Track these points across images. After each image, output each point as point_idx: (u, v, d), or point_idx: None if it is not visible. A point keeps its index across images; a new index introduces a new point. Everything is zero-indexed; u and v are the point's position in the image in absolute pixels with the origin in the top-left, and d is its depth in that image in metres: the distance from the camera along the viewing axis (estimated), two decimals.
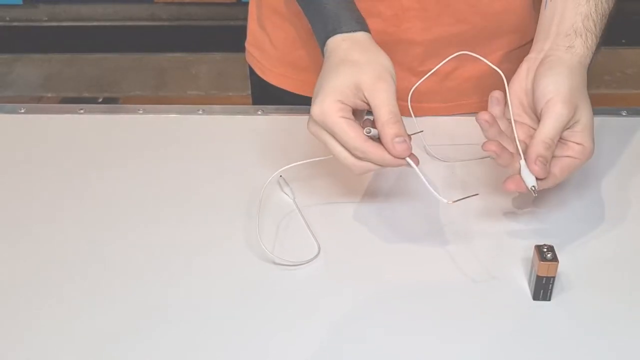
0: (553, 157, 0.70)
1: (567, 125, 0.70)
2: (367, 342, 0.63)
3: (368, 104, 0.68)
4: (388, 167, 0.68)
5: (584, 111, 0.71)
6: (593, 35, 0.73)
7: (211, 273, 0.70)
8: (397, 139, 0.66)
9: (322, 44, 0.74)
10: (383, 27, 0.87)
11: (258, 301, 0.67)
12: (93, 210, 0.77)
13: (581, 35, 0.73)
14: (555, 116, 0.69)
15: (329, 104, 0.67)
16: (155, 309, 0.66)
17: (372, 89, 0.68)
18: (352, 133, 0.66)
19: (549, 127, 0.69)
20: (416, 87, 0.88)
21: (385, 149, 0.66)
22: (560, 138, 0.70)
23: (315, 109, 0.68)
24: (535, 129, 0.71)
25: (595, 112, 0.94)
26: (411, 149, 0.67)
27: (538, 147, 0.68)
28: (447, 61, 0.76)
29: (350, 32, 0.73)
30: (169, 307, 0.66)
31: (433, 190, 0.67)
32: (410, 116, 0.83)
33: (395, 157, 0.66)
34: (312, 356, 0.62)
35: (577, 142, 0.70)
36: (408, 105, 0.83)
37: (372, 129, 0.67)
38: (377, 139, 0.67)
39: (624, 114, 0.94)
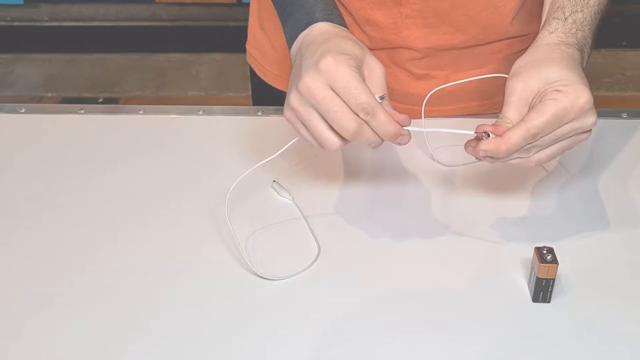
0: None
1: (527, 96, 0.67)
2: (367, 343, 0.63)
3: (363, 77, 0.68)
4: (381, 137, 0.66)
5: (554, 69, 0.67)
6: (559, 21, 0.72)
7: (210, 274, 0.70)
8: (395, 111, 0.67)
9: (304, 25, 0.73)
10: (382, 35, 0.88)
11: (258, 303, 0.67)
12: (93, 210, 0.77)
13: (545, 27, 0.73)
14: (505, 96, 0.67)
15: (344, 58, 0.65)
16: (154, 309, 0.66)
17: (373, 67, 0.68)
18: (365, 87, 0.65)
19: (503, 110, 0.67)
20: (416, 91, 0.89)
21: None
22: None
23: (325, 61, 0.65)
24: None
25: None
26: (410, 121, 0.67)
27: (493, 127, 0.66)
28: (475, 78, 0.78)
29: (340, 25, 0.73)
30: (168, 308, 0.66)
31: (456, 130, 0.68)
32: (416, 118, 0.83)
33: (399, 122, 0.66)
34: (311, 358, 0.62)
35: (554, 91, 0.66)
36: (410, 108, 0.83)
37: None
38: None
39: (624, 116, 0.94)
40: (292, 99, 0.67)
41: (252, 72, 1.03)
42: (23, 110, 0.94)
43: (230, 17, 2.93)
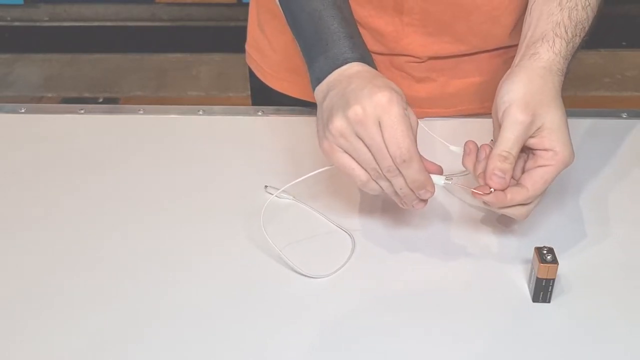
0: (525, 171, 0.68)
1: (529, 132, 0.67)
2: (366, 343, 0.63)
3: None
4: (408, 184, 0.66)
5: (550, 115, 0.67)
6: (563, 40, 0.71)
7: (212, 274, 0.70)
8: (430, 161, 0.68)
9: (342, 62, 0.70)
10: (383, 41, 0.88)
11: (259, 302, 0.67)
12: (93, 210, 0.77)
13: (548, 41, 0.71)
14: (509, 125, 0.67)
15: (399, 98, 0.65)
16: (154, 310, 0.66)
17: (410, 115, 0.67)
18: (411, 133, 0.64)
19: (503, 137, 0.67)
20: (417, 94, 0.89)
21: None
22: (530, 149, 0.68)
23: (380, 96, 0.64)
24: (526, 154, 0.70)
25: (596, 114, 0.95)
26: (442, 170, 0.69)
27: (493, 161, 0.66)
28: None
29: (375, 69, 0.72)
30: (170, 309, 0.66)
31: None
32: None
33: (432, 170, 0.67)
34: (312, 357, 0.62)
35: (546, 148, 0.67)
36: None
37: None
38: None
39: (624, 116, 0.94)
40: (338, 124, 0.65)
41: (251, 73, 1.03)
42: (23, 110, 0.94)
43: (230, 17, 2.93)
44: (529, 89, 0.68)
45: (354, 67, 0.70)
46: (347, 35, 0.72)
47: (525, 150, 0.69)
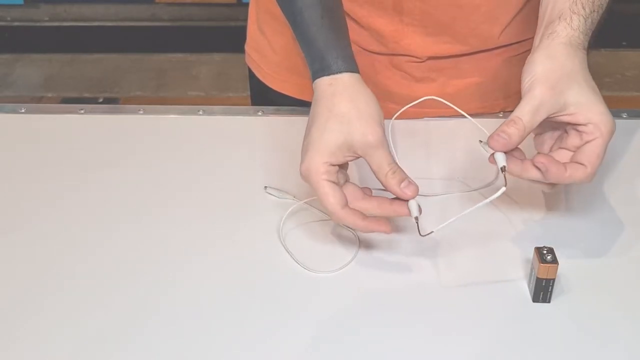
0: (578, 149, 0.68)
1: (550, 108, 0.67)
2: (368, 341, 0.63)
3: (359, 156, 0.69)
4: (365, 232, 0.69)
5: (574, 90, 0.67)
6: (580, 17, 0.70)
7: (213, 273, 0.70)
8: (402, 184, 0.67)
9: (312, 78, 0.72)
10: (383, 41, 0.88)
11: (262, 300, 0.67)
12: (93, 210, 0.77)
13: (565, 19, 0.70)
14: (527, 99, 0.67)
15: (316, 165, 0.67)
16: (156, 309, 0.66)
17: (365, 147, 0.67)
18: (331, 199, 0.67)
19: (519, 107, 0.67)
20: (416, 94, 0.88)
21: (396, 195, 0.68)
22: (568, 125, 0.68)
23: (302, 166, 0.68)
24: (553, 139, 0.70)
25: None
26: (418, 189, 0.68)
27: (502, 125, 0.66)
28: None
29: (336, 73, 0.70)
30: (173, 308, 0.66)
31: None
32: (410, 119, 0.83)
33: (406, 199, 0.67)
34: (315, 353, 0.62)
35: (582, 122, 0.67)
36: (409, 110, 0.83)
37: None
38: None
39: (625, 116, 0.94)
40: (301, 170, 0.69)
41: (251, 74, 1.03)
42: (23, 110, 0.94)
43: (230, 17, 2.93)
44: (549, 67, 0.68)
45: (317, 88, 0.71)
46: (328, 40, 0.71)
47: (561, 127, 0.69)
